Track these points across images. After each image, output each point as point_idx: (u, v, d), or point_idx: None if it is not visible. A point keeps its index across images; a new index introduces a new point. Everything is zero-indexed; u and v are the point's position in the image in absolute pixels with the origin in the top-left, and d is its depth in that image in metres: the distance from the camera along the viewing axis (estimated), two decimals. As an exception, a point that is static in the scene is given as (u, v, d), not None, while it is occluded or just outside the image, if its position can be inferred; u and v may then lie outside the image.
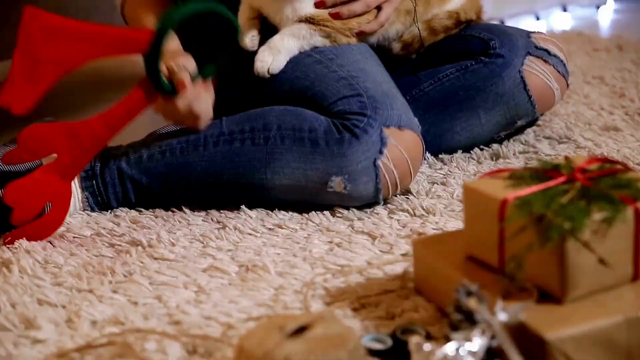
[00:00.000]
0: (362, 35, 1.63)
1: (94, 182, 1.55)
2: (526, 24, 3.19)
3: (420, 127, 1.57)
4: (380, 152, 1.49)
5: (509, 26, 1.89)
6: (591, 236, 1.00)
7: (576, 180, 1.07)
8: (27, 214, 1.43)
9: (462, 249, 1.15)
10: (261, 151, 1.52)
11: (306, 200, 1.54)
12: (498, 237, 1.07)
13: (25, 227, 1.43)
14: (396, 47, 1.76)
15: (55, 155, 1.45)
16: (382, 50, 1.75)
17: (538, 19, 3.24)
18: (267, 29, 1.63)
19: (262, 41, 1.62)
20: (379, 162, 1.49)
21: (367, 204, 1.54)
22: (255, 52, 1.60)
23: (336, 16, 1.58)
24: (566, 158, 1.15)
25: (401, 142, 1.51)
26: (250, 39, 1.62)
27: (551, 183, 1.07)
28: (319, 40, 1.61)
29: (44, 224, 1.44)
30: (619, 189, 1.05)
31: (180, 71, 1.48)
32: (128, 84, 2.67)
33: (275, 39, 1.59)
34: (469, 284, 0.98)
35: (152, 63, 1.43)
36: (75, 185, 1.55)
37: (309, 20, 1.59)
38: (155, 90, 1.46)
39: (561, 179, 1.08)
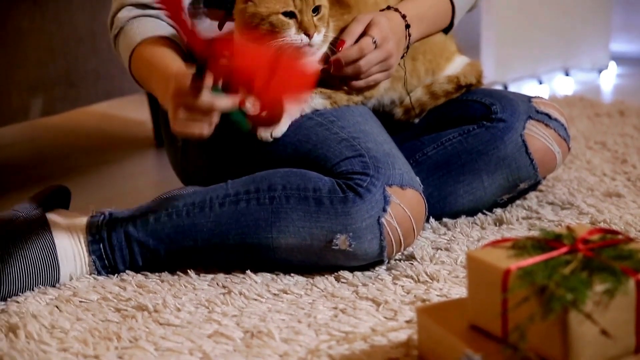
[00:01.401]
0: (349, 91, 1.65)
1: (101, 245, 1.57)
2: (529, 88, 3.22)
3: (422, 186, 1.59)
4: (384, 210, 1.51)
5: (509, 91, 1.92)
6: (593, 308, 1.01)
7: (578, 251, 1.09)
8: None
9: (465, 317, 1.16)
10: (267, 211, 1.54)
11: (312, 260, 1.55)
12: (501, 307, 1.08)
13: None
14: (398, 112, 1.79)
15: None
16: (385, 116, 1.77)
17: (541, 83, 3.27)
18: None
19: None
20: (383, 220, 1.51)
21: (371, 267, 1.56)
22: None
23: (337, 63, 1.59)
24: (568, 228, 1.16)
25: (404, 200, 1.53)
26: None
27: (553, 253, 1.09)
28: (319, 103, 1.63)
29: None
30: (620, 260, 1.06)
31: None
32: (131, 145, 2.72)
33: (277, 104, 1.62)
34: (472, 353, 0.99)
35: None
36: (82, 249, 1.56)
37: None
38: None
39: (563, 250, 1.09)
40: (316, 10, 1.56)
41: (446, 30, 1.82)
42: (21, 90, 2.10)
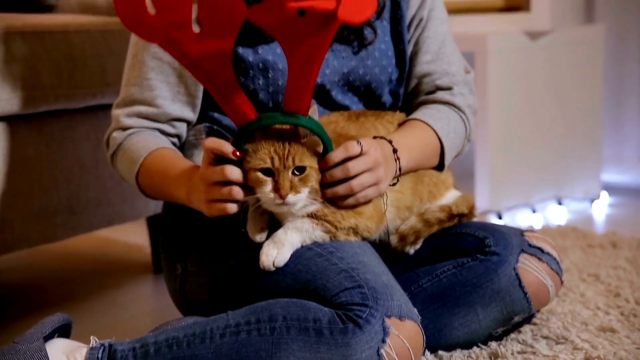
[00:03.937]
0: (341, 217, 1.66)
1: (100, 379, 1.57)
2: (523, 216, 3.26)
3: (420, 317, 1.61)
4: (383, 342, 1.52)
5: (502, 225, 1.95)
6: None
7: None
8: None
9: None
10: (267, 341, 1.55)
11: (311, 393, 1.55)
12: None
13: None
14: (393, 240, 1.82)
15: None
16: (380, 246, 1.80)
17: (534, 211, 3.31)
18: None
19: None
20: (382, 352, 1.52)
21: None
22: (260, 246, 1.65)
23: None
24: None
25: (403, 331, 1.55)
26: (259, 235, 1.68)
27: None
28: (319, 236, 1.66)
29: None
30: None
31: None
32: (130, 271, 2.73)
33: (279, 234, 1.65)
34: None
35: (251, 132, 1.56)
36: (81, 382, 1.56)
37: (311, 215, 1.65)
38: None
39: (557, 392, 1.11)
40: (301, 170, 1.58)
41: (437, 169, 1.87)
42: (24, 218, 2.12)
